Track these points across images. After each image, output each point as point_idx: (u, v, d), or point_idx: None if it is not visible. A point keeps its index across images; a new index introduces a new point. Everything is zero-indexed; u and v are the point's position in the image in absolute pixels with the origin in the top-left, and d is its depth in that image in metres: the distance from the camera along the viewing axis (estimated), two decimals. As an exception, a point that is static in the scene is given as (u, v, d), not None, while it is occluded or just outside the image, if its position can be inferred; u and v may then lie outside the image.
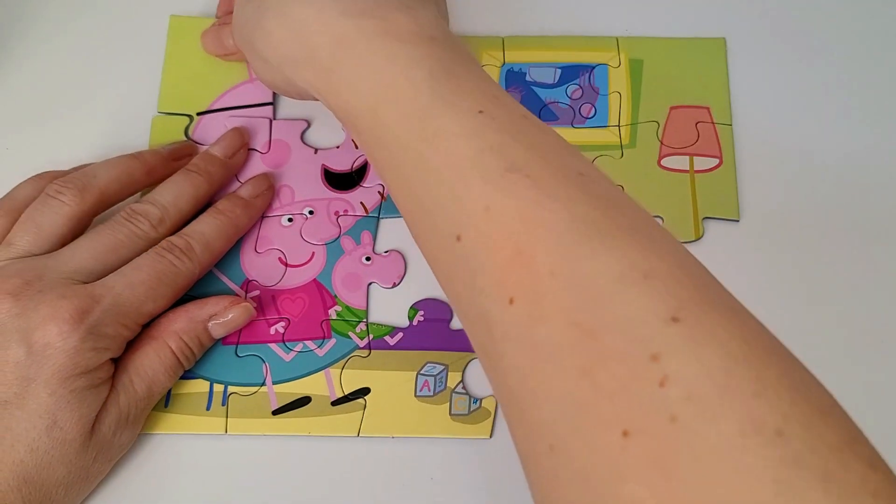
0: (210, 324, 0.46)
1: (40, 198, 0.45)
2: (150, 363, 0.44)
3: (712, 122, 0.52)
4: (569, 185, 0.34)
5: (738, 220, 0.50)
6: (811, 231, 0.50)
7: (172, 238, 0.45)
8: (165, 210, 0.46)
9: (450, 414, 0.46)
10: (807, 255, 0.49)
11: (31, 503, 0.40)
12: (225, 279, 0.49)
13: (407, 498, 0.44)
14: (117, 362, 0.44)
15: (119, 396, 0.43)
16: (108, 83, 0.54)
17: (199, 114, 0.53)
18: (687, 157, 0.51)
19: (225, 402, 0.46)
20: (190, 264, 0.45)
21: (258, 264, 0.49)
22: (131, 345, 0.44)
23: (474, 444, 0.45)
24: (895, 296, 0.48)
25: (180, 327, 0.45)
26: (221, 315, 0.46)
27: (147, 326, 0.45)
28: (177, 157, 0.50)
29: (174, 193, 0.47)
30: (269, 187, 0.50)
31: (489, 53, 0.54)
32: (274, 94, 0.54)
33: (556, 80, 0.54)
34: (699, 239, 0.50)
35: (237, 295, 0.48)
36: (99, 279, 0.43)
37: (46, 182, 0.46)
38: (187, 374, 0.47)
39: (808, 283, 0.48)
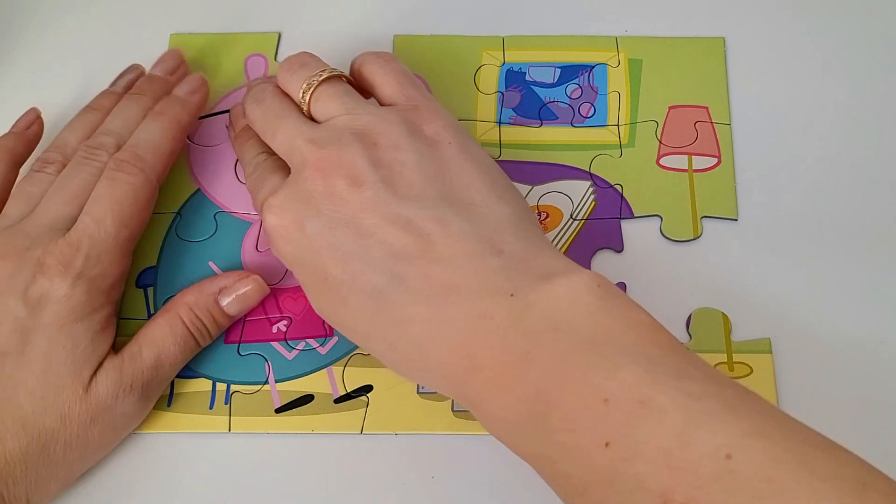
0: (221, 297, 0.46)
1: (27, 174, 0.47)
2: (161, 333, 0.45)
3: (711, 122, 0.52)
4: None
5: (736, 220, 0.50)
6: (809, 230, 0.50)
7: (118, 154, 0.46)
8: (119, 136, 0.47)
9: (452, 410, 0.46)
10: (805, 254, 0.49)
11: (29, 452, 0.41)
12: (226, 278, 0.49)
13: (410, 494, 0.44)
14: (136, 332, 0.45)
15: (123, 361, 0.43)
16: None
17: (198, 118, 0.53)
18: (686, 157, 0.52)
19: (228, 400, 0.46)
20: (143, 175, 0.46)
21: (259, 263, 0.49)
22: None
23: (477, 440, 0.45)
24: (893, 294, 0.48)
25: (190, 299, 0.45)
26: (231, 288, 0.46)
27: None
28: (129, 89, 0.51)
29: (123, 118, 0.48)
30: (203, 83, 0.51)
31: (489, 53, 0.55)
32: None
33: (555, 80, 0.54)
34: (697, 238, 0.50)
35: (249, 273, 0.47)
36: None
37: (7, 155, 0.48)
38: (189, 374, 0.47)
39: (807, 282, 0.49)
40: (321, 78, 0.46)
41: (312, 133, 0.44)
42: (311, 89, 0.45)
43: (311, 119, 0.46)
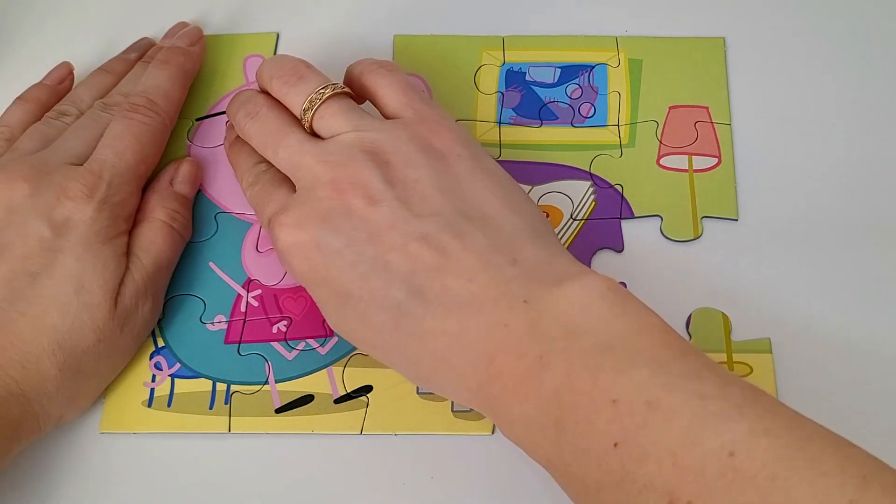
0: (175, 186, 0.49)
1: (42, 121, 0.50)
2: (148, 238, 0.47)
3: (711, 122, 0.52)
4: None
5: (736, 220, 0.50)
6: (810, 230, 0.50)
7: (131, 98, 0.49)
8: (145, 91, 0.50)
9: (452, 411, 0.46)
10: (805, 254, 0.49)
11: (64, 370, 0.43)
12: (227, 278, 0.49)
13: (410, 495, 0.44)
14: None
15: (133, 272, 0.45)
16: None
17: (198, 119, 0.53)
18: (686, 157, 0.52)
19: (228, 400, 0.46)
20: (158, 118, 0.49)
21: (260, 263, 0.50)
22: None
23: (476, 440, 0.45)
24: (894, 294, 0.48)
25: (156, 201, 0.48)
26: (177, 174, 0.50)
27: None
28: (141, 58, 0.54)
29: (137, 81, 0.51)
30: (201, 37, 0.54)
31: (489, 53, 0.55)
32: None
33: (555, 80, 0.54)
34: (698, 238, 0.50)
35: (181, 158, 0.51)
36: None
37: (34, 106, 0.51)
38: (189, 374, 0.47)
39: (807, 282, 0.49)
40: (325, 95, 0.46)
41: (320, 152, 0.44)
42: (315, 107, 0.45)
43: (313, 134, 0.46)
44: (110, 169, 0.46)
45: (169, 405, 0.46)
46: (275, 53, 0.55)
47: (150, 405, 0.46)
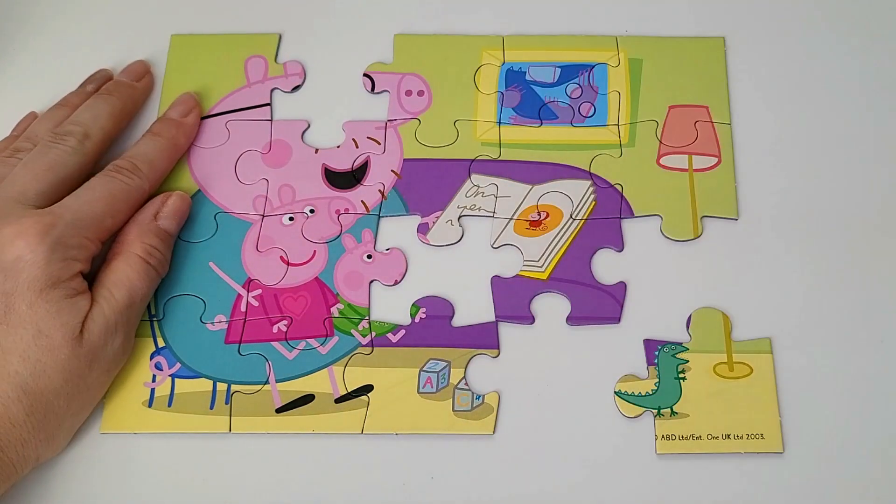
0: (159, 222, 0.48)
1: None
2: (123, 272, 0.46)
3: (711, 122, 0.53)
4: None
5: (736, 219, 0.50)
6: (809, 230, 0.50)
7: (118, 161, 0.49)
8: (87, 126, 0.49)
9: (453, 410, 0.46)
10: (805, 253, 0.49)
11: (35, 414, 0.42)
12: (227, 278, 0.49)
13: (411, 494, 0.44)
14: (96, 279, 0.46)
15: (103, 307, 0.44)
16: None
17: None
18: (686, 156, 0.52)
19: (228, 400, 0.46)
20: (139, 181, 0.48)
21: (260, 263, 0.50)
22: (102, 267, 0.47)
23: (477, 440, 0.45)
24: (893, 293, 0.48)
25: (135, 234, 0.47)
26: (163, 210, 0.49)
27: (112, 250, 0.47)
28: (98, 90, 0.53)
29: (91, 113, 0.50)
30: (196, 104, 0.53)
31: (489, 52, 0.55)
32: (271, 94, 0.54)
33: (555, 79, 0.54)
34: (698, 238, 0.50)
35: (169, 192, 0.50)
36: (43, 198, 0.46)
37: None
38: (190, 374, 0.47)
39: (807, 282, 0.49)
40: None
41: None
42: None
43: None
44: (73, 214, 0.45)
45: (169, 405, 0.46)
46: (276, 54, 0.55)
47: (150, 405, 0.46)
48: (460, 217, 0.51)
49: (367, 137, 0.53)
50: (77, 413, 0.44)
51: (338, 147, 0.53)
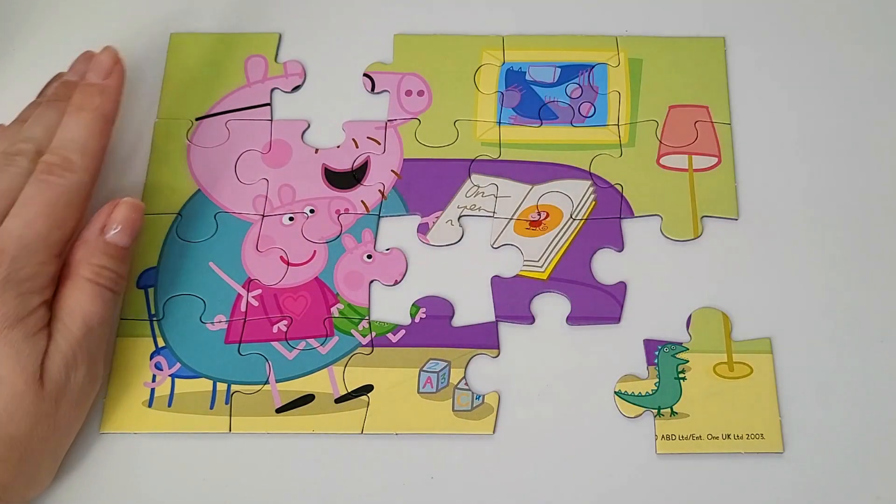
0: (107, 236, 0.45)
1: None
2: (74, 299, 0.43)
3: (711, 122, 0.53)
4: None
5: (736, 219, 0.50)
6: (809, 230, 0.50)
7: (46, 157, 0.45)
8: (38, 141, 0.46)
9: (453, 410, 0.46)
10: (805, 254, 0.49)
11: (8, 461, 0.41)
12: (227, 278, 0.49)
13: (411, 494, 0.44)
14: (50, 309, 0.43)
15: (58, 341, 0.42)
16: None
17: (197, 119, 0.53)
18: (686, 156, 0.52)
19: (228, 400, 0.46)
20: (75, 176, 0.44)
21: (260, 263, 0.50)
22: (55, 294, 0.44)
23: (477, 440, 0.45)
24: (893, 293, 0.48)
25: (82, 255, 0.44)
26: (111, 222, 0.45)
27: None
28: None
29: (42, 124, 0.47)
30: (117, 61, 0.49)
31: (489, 52, 0.55)
32: (271, 94, 0.54)
33: (555, 79, 0.54)
34: (698, 237, 0.50)
35: (116, 199, 0.46)
36: None
37: None
38: (190, 374, 0.47)
39: (807, 282, 0.49)
40: None
41: None
42: None
43: None
44: (16, 241, 0.42)
45: (169, 405, 0.46)
46: (276, 54, 0.55)
47: (150, 405, 0.46)
48: (460, 217, 0.51)
49: (367, 137, 0.53)
50: (54, 451, 0.43)
51: (338, 147, 0.53)
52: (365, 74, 0.54)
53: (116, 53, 0.49)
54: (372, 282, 0.49)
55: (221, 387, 0.47)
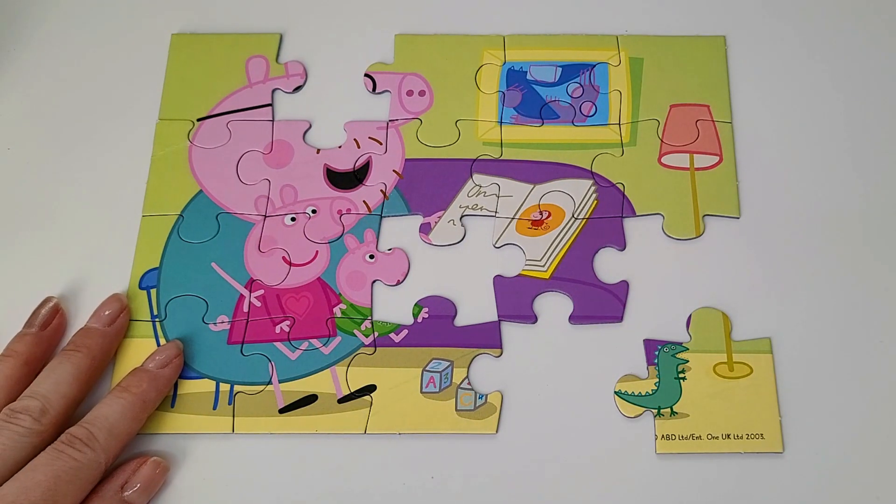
0: (125, 494, 0.43)
1: None
2: None
3: (712, 120, 0.53)
4: None
5: (738, 218, 0.50)
6: (811, 228, 0.50)
7: (72, 429, 0.43)
8: (46, 399, 0.43)
9: (456, 410, 0.46)
10: (806, 252, 0.49)
11: None
12: (229, 279, 0.49)
13: (413, 494, 0.45)
14: None
15: None
16: (112, 91, 0.55)
17: (199, 119, 0.53)
18: (687, 155, 0.52)
19: (231, 401, 0.46)
20: (92, 454, 0.42)
21: (262, 264, 0.50)
22: None
23: (480, 440, 0.46)
24: (893, 293, 0.48)
25: None
26: (132, 480, 0.44)
27: None
28: (44, 325, 0.47)
29: (52, 380, 0.44)
30: (178, 354, 0.47)
31: (490, 52, 0.55)
32: (272, 94, 0.54)
33: (556, 79, 0.54)
34: (700, 236, 0.50)
35: (144, 456, 0.45)
36: None
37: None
38: (193, 374, 0.47)
39: (808, 282, 0.49)
40: None
41: None
42: None
43: None
44: None
45: (172, 406, 0.46)
46: (277, 54, 0.55)
47: (154, 406, 0.46)
48: (462, 217, 0.51)
49: (369, 137, 0.53)
50: None
51: (339, 147, 0.53)
52: (366, 74, 0.55)
53: (179, 346, 0.48)
54: (374, 282, 0.49)
55: (224, 387, 0.47)
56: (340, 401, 0.46)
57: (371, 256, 0.50)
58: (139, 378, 0.46)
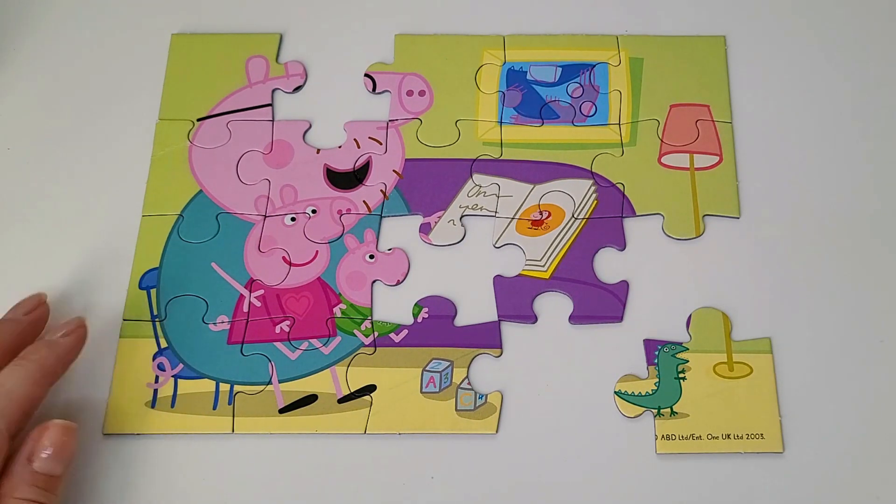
0: (36, 465, 0.41)
1: None
2: None
3: (712, 120, 0.53)
4: None
5: (738, 217, 0.50)
6: (810, 228, 0.50)
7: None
8: None
9: (456, 410, 0.46)
10: (806, 251, 0.49)
11: None
12: (229, 279, 0.49)
13: (413, 494, 0.45)
14: None
15: None
16: (112, 91, 0.55)
17: (199, 119, 0.53)
18: (687, 155, 0.52)
19: (231, 401, 0.46)
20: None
21: (262, 264, 0.50)
22: None
23: (479, 440, 0.46)
24: (893, 293, 0.48)
25: (6, 490, 0.40)
26: (37, 449, 0.41)
27: None
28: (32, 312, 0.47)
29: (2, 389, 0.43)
30: (80, 325, 0.47)
31: (490, 52, 0.55)
32: (272, 94, 0.54)
33: (556, 79, 0.54)
34: (700, 236, 0.50)
35: (46, 422, 0.42)
36: None
37: None
38: (193, 374, 0.47)
39: (808, 282, 0.49)
40: None
41: None
42: None
43: None
44: None
45: (172, 406, 0.46)
46: (277, 54, 0.55)
47: (153, 406, 0.46)
48: (462, 217, 0.51)
49: (369, 137, 0.53)
50: None
51: (339, 147, 0.53)
52: (366, 74, 0.55)
53: (82, 320, 0.47)
54: (374, 282, 0.49)
55: (224, 387, 0.47)
56: (340, 401, 0.46)
57: (371, 256, 0.50)
58: (36, 346, 0.45)
